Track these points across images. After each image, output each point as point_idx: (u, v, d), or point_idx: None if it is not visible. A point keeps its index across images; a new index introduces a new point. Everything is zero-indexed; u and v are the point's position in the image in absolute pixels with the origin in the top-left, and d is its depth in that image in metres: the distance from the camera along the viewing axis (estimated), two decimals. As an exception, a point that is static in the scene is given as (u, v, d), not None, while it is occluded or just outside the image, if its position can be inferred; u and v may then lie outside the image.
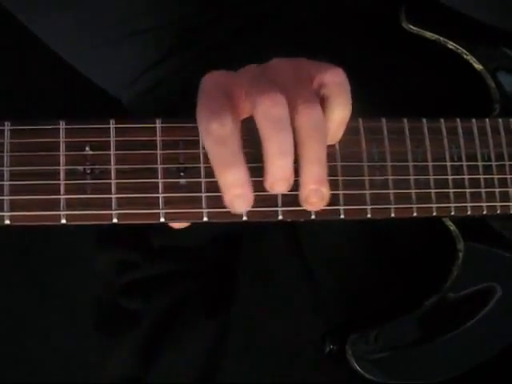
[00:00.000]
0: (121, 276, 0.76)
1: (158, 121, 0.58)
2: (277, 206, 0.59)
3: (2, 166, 0.56)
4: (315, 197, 0.56)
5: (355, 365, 0.63)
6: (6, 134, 0.56)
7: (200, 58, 0.77)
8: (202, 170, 0.58)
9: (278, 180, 0.56)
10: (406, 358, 0.65)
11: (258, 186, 0.59)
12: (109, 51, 0.76)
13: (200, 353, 0.74)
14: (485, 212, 0.64)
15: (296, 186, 0.58)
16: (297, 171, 0.57)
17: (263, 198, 0.59)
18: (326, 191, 0.57)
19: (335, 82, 0.57)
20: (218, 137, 0.55)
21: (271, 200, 0.59)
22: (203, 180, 0.58)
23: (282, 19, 0.77)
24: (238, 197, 0.55)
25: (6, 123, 0.56)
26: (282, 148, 0.55)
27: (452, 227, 0.66)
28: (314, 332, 0.68)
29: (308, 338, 0.70)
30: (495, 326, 0.67)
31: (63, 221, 0.56)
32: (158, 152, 0.58)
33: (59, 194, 0.56)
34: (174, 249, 0.73)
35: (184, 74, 0.77)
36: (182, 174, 0.58)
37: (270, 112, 0.55)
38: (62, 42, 0.77)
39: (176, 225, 0.58)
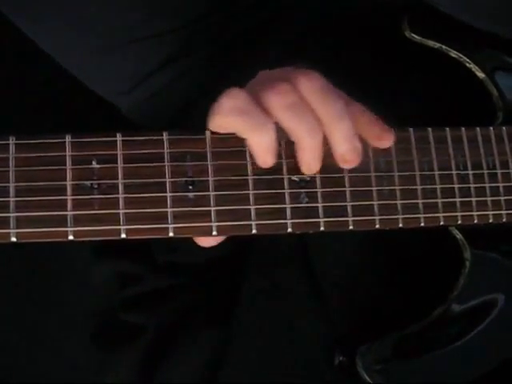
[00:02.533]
0: (122, 289, 0.75)
1: (165, 133, 0.58)
2: (286, 219, 0.59)
3: (8, 181, 0.54)
4: (350, 154, 0.57)
5: (365, 376, 0.63)
6: (11, 148, 0.55)
7: (199, 67, 0.77)
8: (210, 183, 0.57)
9: (311, 162, 0.57)
10: (416, 367, 0.65)
11: (267, 199, 0.59)
12: (107, 58, 0.75)
13: (200, 366, 0.73)
14: (491, 220, 0.64)
15: (310, 197, 0.58)
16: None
17: (272, 210, 0.59)
18: (358, 145, 0.58)
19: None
20: (232, 109, 0.55)
21: (280, 213, 0.59)
22: (212, 193, 0.57)
23: (282, 27, 0.77)
24: (266, 152, 0.56)
25: (10, 138, 0.55)
26: (307, 131, 0.56)
27: (458, 236, 0.66)
28: (321, 344, 0.68)
29: (314, 350, 0.69)
30: (500, 336, 0.67)
31: (71, 237, 0.55)
32: (166, 165, 0.57)
33: (66, 210, 0.55)
34: (178, 264, 0.72)
35: (183, 83, 0.76)
36: (190, 187, 0.57)
37: (282, 101, 0.55)
38: (60, 47, 0.76)
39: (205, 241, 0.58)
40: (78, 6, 0.73)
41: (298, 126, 0.56)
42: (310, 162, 0.57)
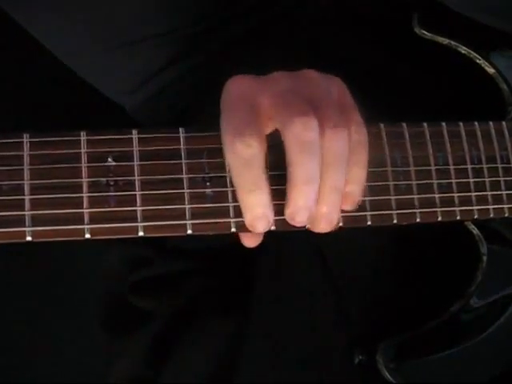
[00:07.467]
0: (133, 273, 0.73)
1: (181, 130, 0.57)
2: None
3: (23, 179, 0.53)
4: (325, 222, 0.55)
5: (386, 374, 0.62)
6: (25, 146, 0.54)
7: (202, 66, 0.76)
8: (228, 179, 0.56)
9: (300, 208, 0.54)
10: (435, 364, 0.64)
11: (285, 195, 0.58)
12: (111, 57, 0.75)
13: (214, 353, 0.71)
14: (506, 214, 0.64)
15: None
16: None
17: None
18: (336, 218, 0.55)
19: (358, 139, 0.56)
20: (242, 159, 0.53)
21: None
22: (229, 189, 0.56)
23: (283, 26, 0.77)
24: (259, 218, 0.54)
25: (24, 135, 0.54)
26: (308, 175, 0.53)
27: (475, 231, 0.66)
28: (340, 343, 0.67)
29: (333, 349, 0.68)
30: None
31: (87, 235, 0.54)
32: (183, 161, 0.56)
33: (82, 208, 0.54)
34: (190, 249, 0.71)
35: (186, 83, 0.76)
36: (207, 183, 0.56)
37: (301, 136, 0.53)
38: (64, 46, 0.75)
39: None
40: (81, 6, 0.73)
41: (299, 169, 0.53)
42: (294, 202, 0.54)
